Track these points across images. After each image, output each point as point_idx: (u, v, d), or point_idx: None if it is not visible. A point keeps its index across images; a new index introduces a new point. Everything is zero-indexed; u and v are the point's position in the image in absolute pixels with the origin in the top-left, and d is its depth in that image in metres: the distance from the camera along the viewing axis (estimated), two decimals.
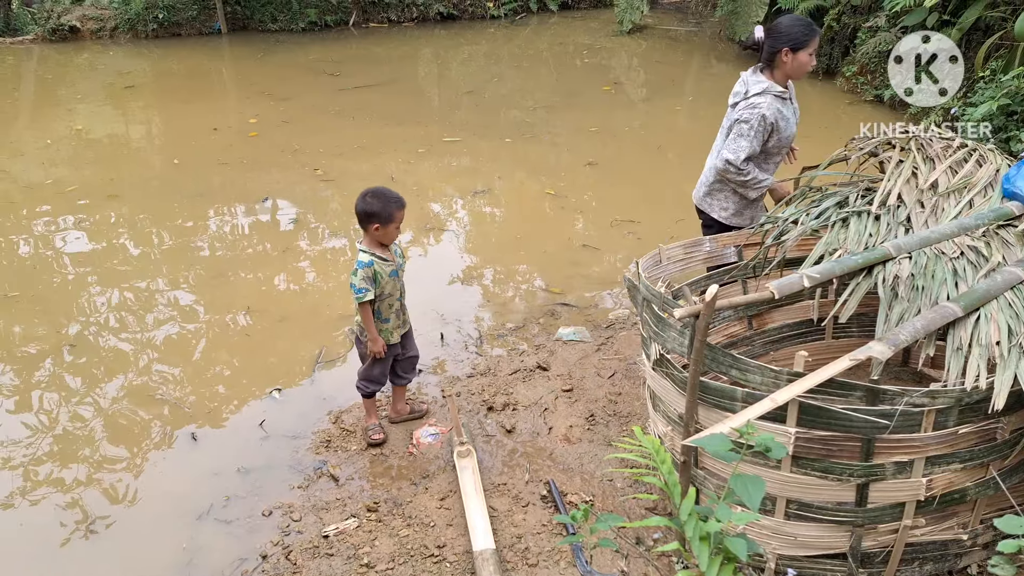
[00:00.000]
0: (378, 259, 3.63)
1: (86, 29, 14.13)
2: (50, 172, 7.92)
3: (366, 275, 3.57)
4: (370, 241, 3.66)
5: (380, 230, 3.59)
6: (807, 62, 3.64)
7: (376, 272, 3.61)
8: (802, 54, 3.61)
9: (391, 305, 3.74)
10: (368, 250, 3.63)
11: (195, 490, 3.67)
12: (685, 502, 1.72)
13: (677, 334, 2.82)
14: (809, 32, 3.60)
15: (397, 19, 15.28)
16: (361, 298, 3.58)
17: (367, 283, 3.58)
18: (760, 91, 3.66)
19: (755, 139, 3.67)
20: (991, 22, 7.65)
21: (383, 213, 3.57)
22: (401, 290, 3.79)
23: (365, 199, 3.61)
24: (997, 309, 2.64)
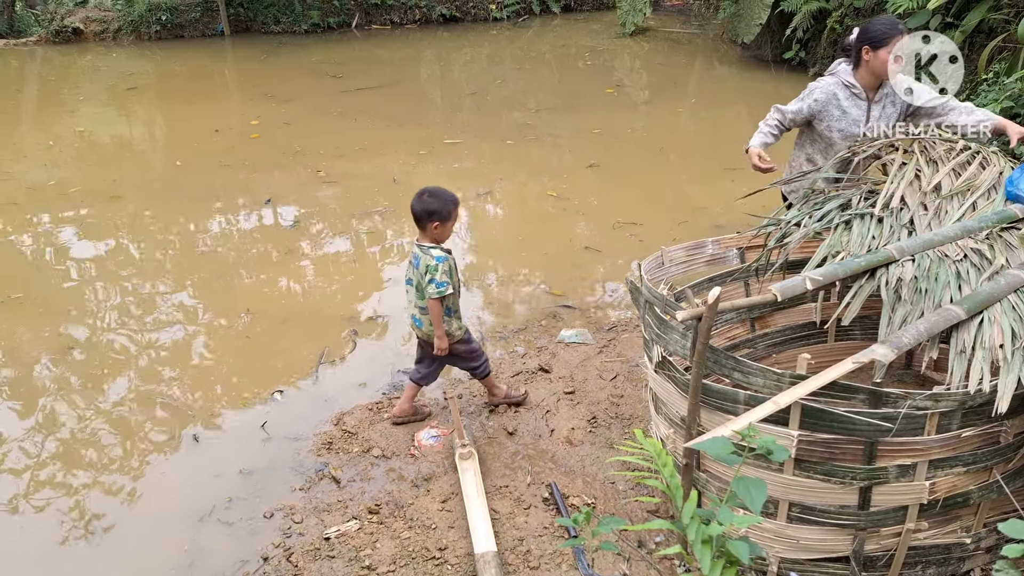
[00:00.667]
0: (449, 254, 3.70)
1: (89, 31, 14.17)
2: (53, 173, 7.93)
3: (446, 269, 3.63)
4: (429, 240, 3.70)
5: (439, 228, 3.65)
6: (887, 59, 3.68)
7: (451, 266, 3.69)
8: (883, 52, 3.66)
9: (456, 297, 3.81)
10: (438, 246, 3.68)
11: (197, 491, 3.67)
12: (687, 505, 1.71)
13: (679, 336, 2.81)
14: (889, 30, 3.65)
15: (400, 21, 15.31)
16: (443, 292, 3.62)
17: (447, 276, 3.63)
18: (831, 72, 3.86)
19: (800, 102, 3.89)
20: (994, 24, 7.63)
21: (443, 211, 3.62)
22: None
23: (423, 198, 3.65)
24: (1000, 312, 2.63)
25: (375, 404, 4.23)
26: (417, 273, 3.72)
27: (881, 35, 3.66)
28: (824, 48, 10.25)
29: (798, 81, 10.50)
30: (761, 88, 10.58)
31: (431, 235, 3.68)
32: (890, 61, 3.68)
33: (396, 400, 4.24)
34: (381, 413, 4.15)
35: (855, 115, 3.84)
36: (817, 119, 3.92)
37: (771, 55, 11.26)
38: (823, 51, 10.28)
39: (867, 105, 3.84)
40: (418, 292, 3.75)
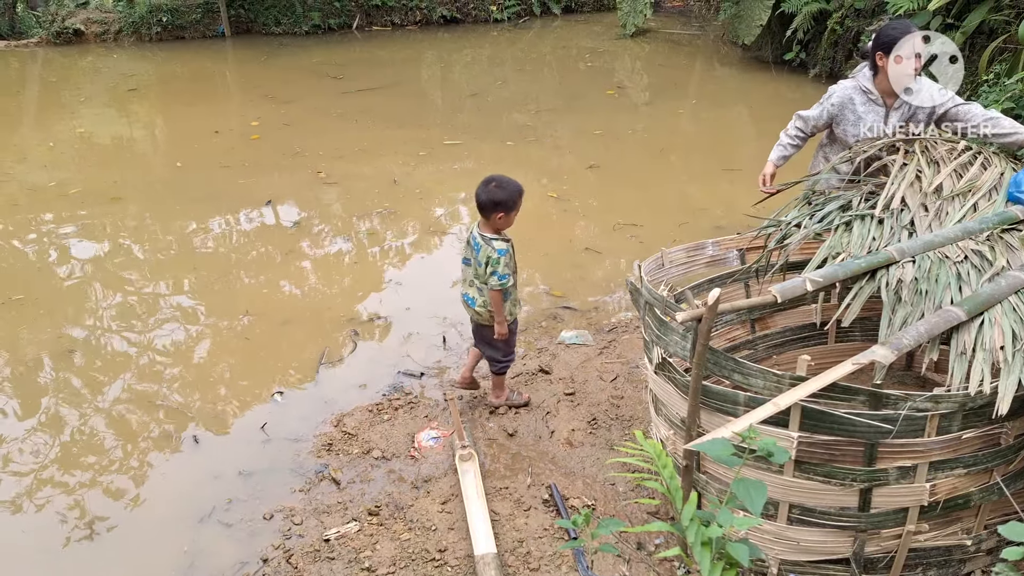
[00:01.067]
0: (510, 245, 3.76)
1: (90, 32, 14.18)
2: (53, 175, 7.94)
3: (507, 261, 3.69)
4: (492, 229, 3.73)
5: (503, 218, 3.67)
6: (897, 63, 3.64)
7: (512, 258, 3.76)
8: (893, 56, 3.62)
9: (516, 284, 3.87)
10: (499, 237, 3.72)
11: (197, 493, 3.67)
12: (687, 507, 1.71)
13: (679, 337, 2.81)
14: (898, 33, 3.60)
15: (400, 22, 15.31)
16: (505, 284, 3.70)
17: (508, 269, 3.71)
18: (853, 75, 3.87)
19: (819, 106, 3.95)
20: (995, 25, 7.63)
21: (508, 202, 3.64)
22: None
23: (489, 188, 3.66)
24: (1001, 313, 2.62)
25: (375, 405, 4.22)
26: (476, 258, 3.77)
27: (889, 39, 3.62)
28: (825, 49, 10.24)
29: (799, 82, 10.52)
30: (762, 89, 10.58)
31: (494, 225, 3.71)
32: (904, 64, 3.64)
33: (396, 401, 4.25)
34: (381, 415, 4.15)
35: (870, 121, 3.80)
36: (835, 123, 3.94)
37: (772, 56, 11.25)
38: (824, 52, 10.28)
39: (885, 112, 3.81)
40: (475, 273, 3.81)
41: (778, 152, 4.11)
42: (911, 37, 3.58)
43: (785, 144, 4.10)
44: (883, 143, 3.82)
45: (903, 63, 3.62)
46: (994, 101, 6.22)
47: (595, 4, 16.36)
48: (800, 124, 4.04)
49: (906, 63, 3.62)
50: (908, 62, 3.62)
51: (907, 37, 3.59)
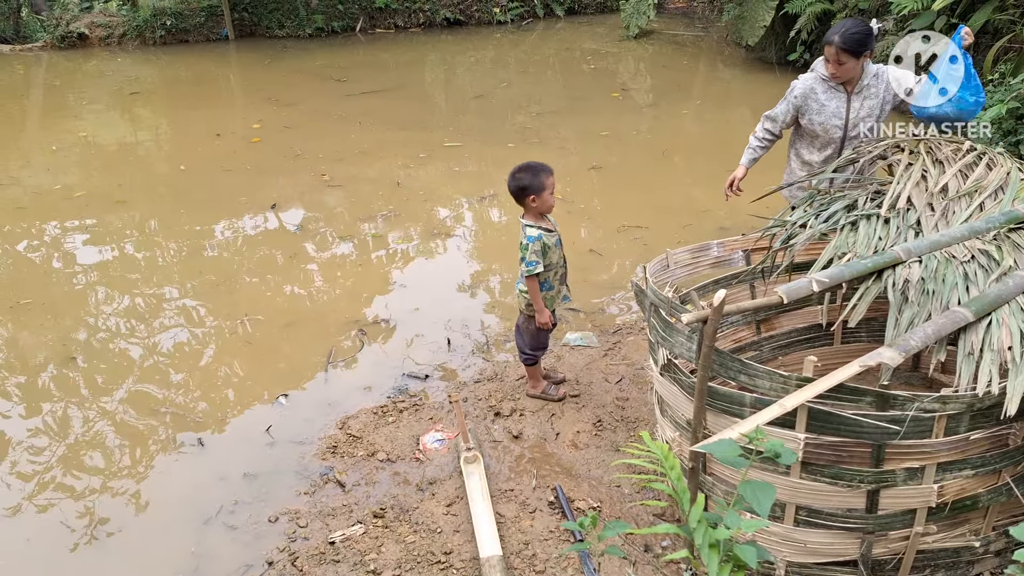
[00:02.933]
0: (545, 231, 3.80)
1: (95, 36, 14.22)
2: (58, 178, 7.95)
3: (536, 249, 3.73)
4: (532, 215, 3.80)
5: (536, 200, 3.73)
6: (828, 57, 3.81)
7: (544, 244, 3.78)
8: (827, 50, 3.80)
9: (556, 273, 3.92)
10: (534, 224, 3.78)
11: (201, 496, 3.67)
12: (694, 509, 1.70)
13: (685, 339, 2.80)
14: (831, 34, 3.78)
15: (404, 25, 15.32)
16: (532, 271, 3.75)
17: (537, 256, 3.74)
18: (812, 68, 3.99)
19: (784, 102, 4.05)
20: (1000, 25, 7.61)
21: (535, 183, 3.71)
22: (563, 258, 3.95)
23: (515, 176, 3.75)
24: (1009, 314, 2.61)
25: (380, 408, 4.22)
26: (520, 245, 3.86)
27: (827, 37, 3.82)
28: None
29: None
30: (766, 90, 10.55)
31: (532, 210, 3.79)
32: (831, 59, 3.82)
33: (401, 404, 4.24)
34: (386, 417, 4.14)
35: (833, 107, 3.93)
36: (800, 114, 4.04)
37: (775, 57, 11.23)
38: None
39: (847, 97, 3.92)
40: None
41: (748, 155, 4.25)
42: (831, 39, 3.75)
43: (755, 147, 4.24)
44: (887, 143, 3.81)
45: (829, 53, 3.80)
46: (999, 101, 6.20)
47: (598, 6, 16.35)
48: (768, 125, 4.16)
49: (831, 54, 3.79)
50: (831, 53, 3.79)
51: (835, 32, 3.76)
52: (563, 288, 4.05)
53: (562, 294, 4.06)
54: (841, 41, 3.72)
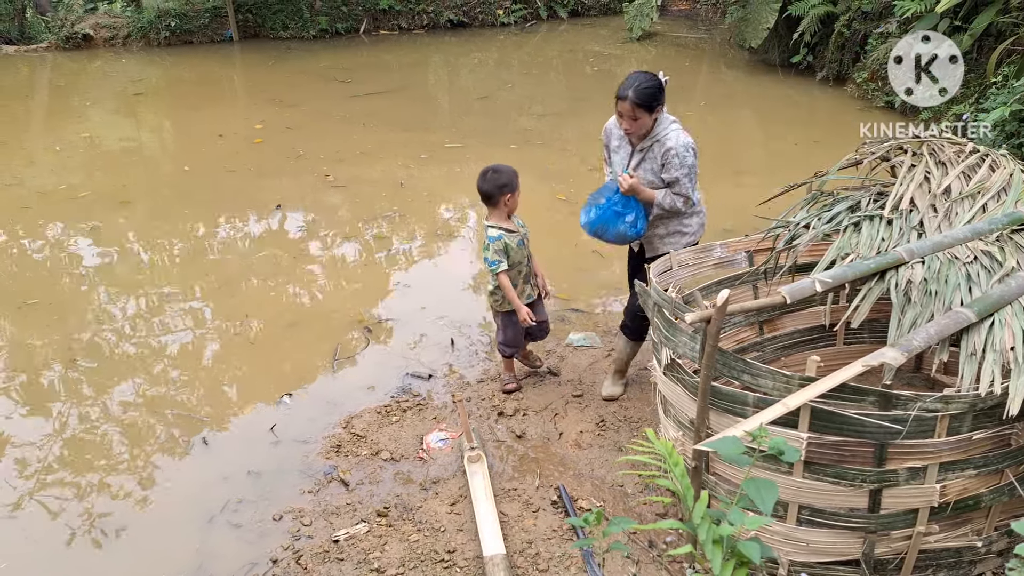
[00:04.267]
0: (506, 232, 3.95)
1: (99, 37, 14.23)
2: (62, 178, 7.97)
3: (497, 248, 3.91)
4: (497, 215, 3.96)
5: (511, 199, 3.91)
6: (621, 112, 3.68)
7: (506, 244, 3.93)
8: (619, 104, 3.67)
9: (520, 272, 4.05)
10: (496, 225, 3.94)
11: (206, 494, 3.68)
12: (698, 505, 1.71)
13: (688, 339, 2.81)
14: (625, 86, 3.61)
15: (407, 26, 15.34)
16: (495, 269, 3.93)
17: (499, 255, 3.91)
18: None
19: (603, 146, 4.06)
20: (1003, 28, 7.61)
21: (512, 183, 3.90)
22: (527, 257, 4.08)
23: (486, 176, 3.92)
24: (1011, 314, 2.62)
25: (383, 407, 4.23)
26: None
27: (620, 92, 3.62)
28: (832, 52, 10.23)
29: (806, 85, 10.51)
30: (768, 92, 10.57)
31: (501, 209, 3.94)
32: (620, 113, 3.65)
33: (404, 403, 4.26)
34: (389, 416, 4.16)
35: (621, 157, 3.85)
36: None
37: (778, 59, 11.24)
38: (831, 55, 10.26)
39: (631, 151, 3.82)
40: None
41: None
42: (624, 94, 3.57)
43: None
44: (889, 145, 3.82)
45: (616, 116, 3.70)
46: (1002, 103, 6.21)
47: (601, 8, 16.35)
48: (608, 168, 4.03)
49: (623, 119, 3.65)
50: (624, 118, 3.65)
51: (621, 92, 3.59)
52: (527, 287, 4.12)
53: (526, 293, 4.11)
54: (635, 96, 3.53)
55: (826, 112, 9.56)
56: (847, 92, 9.90)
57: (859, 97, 9.59)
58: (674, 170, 3.66)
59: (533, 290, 4.18)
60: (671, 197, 3.72)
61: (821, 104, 9.93)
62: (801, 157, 7.78)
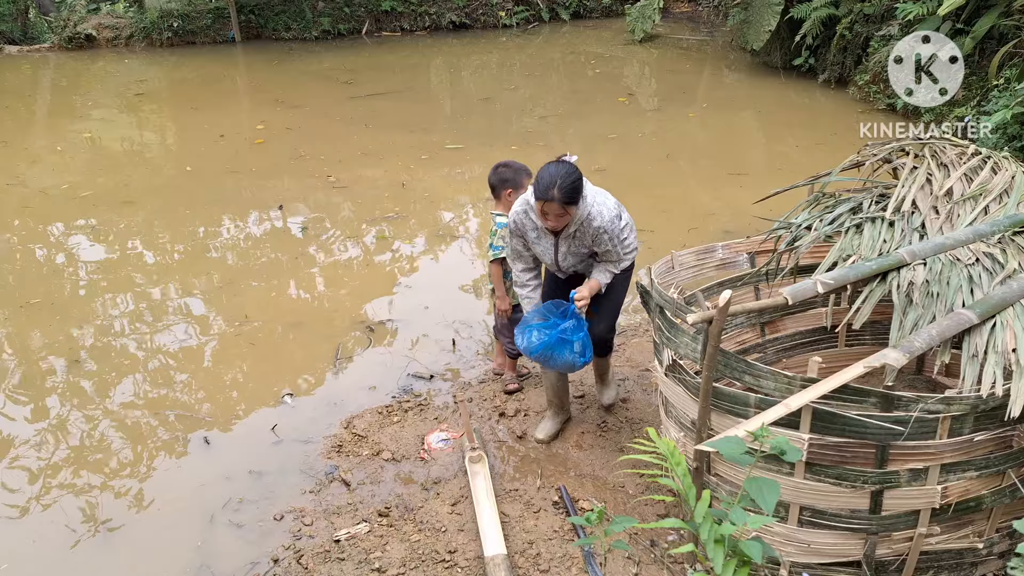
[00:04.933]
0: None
1: (102, 37, 14.26)
2: (64, 178, 7.99)
3: (503, 235, 3.89)
4: (503, 208, 3.97)
5: (512, 195, 3.90)
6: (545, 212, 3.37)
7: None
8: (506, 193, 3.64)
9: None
10: (503, 214, 3.93)
11: (208, 493, 3.68)
12: (700, 505, 1.71)
13: (690, 340, 2.82)
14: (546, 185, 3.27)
15: (410, 28, 15.36)
16: (497, 254, 3.97)
17: (504, 242, 3.89)
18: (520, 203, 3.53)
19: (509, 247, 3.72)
20: (1005, 30, 7.62)
21: (515, 179, 3.93)
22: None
23: (497, 170, 3.99)
24: (1013, 316, 2.62)
25: (385, 407, 4.24)
26: None
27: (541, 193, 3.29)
28: (834, 55, 10.24)
29: (808, 88, 10.52)
30: (770, 95, 10.58)
31: (505, 202, 3.96)
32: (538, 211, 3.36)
33: (406, 403, 4.26)
34: (391, 416, 4.16)
35: (543, 247, 3.55)
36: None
37: (780, 62, 11.25)
38: (833, 58, 10.27)
39: (555, 240, 3.51)
40: None
41: (530, 304, 3.73)
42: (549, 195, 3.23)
43: (531, 288, 3.73)
44: (891, 147, 3.83)
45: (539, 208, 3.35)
46: (1005, 106, 6.21)
47: (604, 10, 16.37)
48: (519, 265, 3.69)
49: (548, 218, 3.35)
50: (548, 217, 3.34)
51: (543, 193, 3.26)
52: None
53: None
54: (563, 196, 3.21)
55: (828, 114, 9.57)
56: (849, 95, 9.91)
57: (861, 100, 9.59)
58: (606, 244, 3.44)
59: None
60: (612, 266, 3.55)
61: (823, 106, 9.94)
62: (803, 159, 7.79)
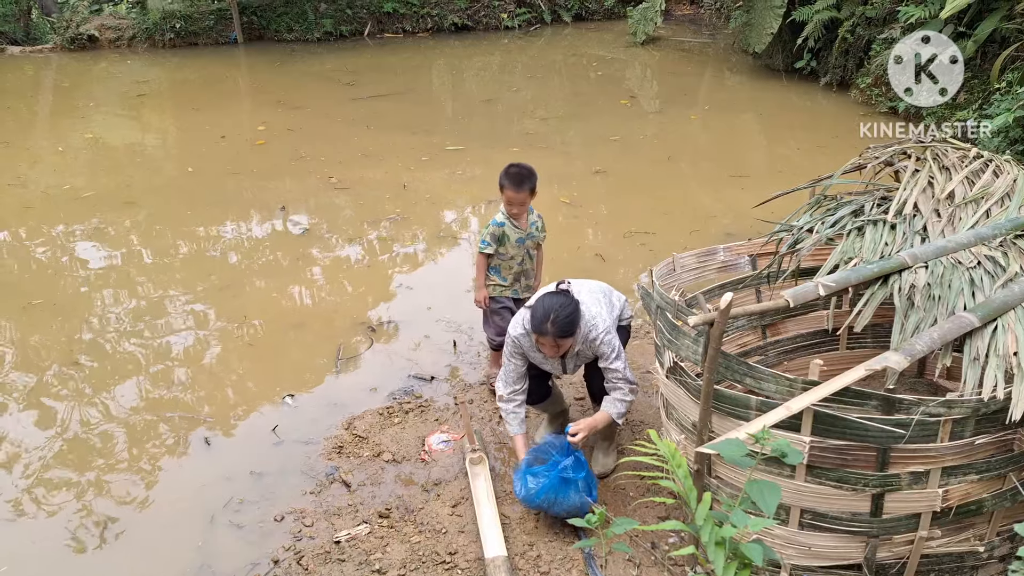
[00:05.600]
0: (512, 225, 4.09)
1: (104, 38, 14.27)
2: (66, 178, 7.99)
3: (493, 232, 4.07)
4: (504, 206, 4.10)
5: (503, 194, 4.04)
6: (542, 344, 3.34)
7: (504, 233, 4.08)
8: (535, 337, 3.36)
9: (510, 268, 4.18)
10: (504, 213, 4.08)
11: (208, 494, 3.68)
12: (700, 506, 1.71)
13: (691, 342, 2.81)
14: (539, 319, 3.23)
15: (412, 29, 15.37)
16: (482, 249, 4.10)
17: (492, 239, 4.07)
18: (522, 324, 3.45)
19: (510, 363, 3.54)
20: (1007, 34, 7.62)
21: (502, 182, 4.03)
22: (525, 257, 4.20)
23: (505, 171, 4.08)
24: (1015, 319, 2.62)
25: (386, 409, 4.24)
26: None
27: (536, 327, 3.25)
28: (835, 58, 10.24)
29: (809, 90, 10.51)
30: (772, 97, 10.59)
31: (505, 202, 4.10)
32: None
33: (406, 405, 4.26)
34: (391, 418, 4.16)
35: (552, 363, 3.52)
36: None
37: (782, 64, 11.25)
38: (834, 60, 10.27)
39: (560, 359, 3.50)
40: None
41: (516, 426, 3.56)
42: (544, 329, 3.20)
43: (514, 403, 3.56)
44: (893, 150, 3.83)
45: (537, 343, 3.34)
46: (1006, 109, 6.21)
47: (606, 12, 16.38)
48: (508, 392, 3.54)
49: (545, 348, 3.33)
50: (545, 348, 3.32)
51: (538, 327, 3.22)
52: (516, 286, 4.24)
53: (513, 288, 4.22)
54: (557, 331, 3.18)
55: (829, 117, 9.56)
56: (851, 97, 9.91)
57: (863, 103, 9.59)
58: (605, 359, 3.38)
59: (525, 290, 4.25)
60: (621, 402, 3.41)
61: (824, 109, 9.93)
62: (804, 162, 7.78)
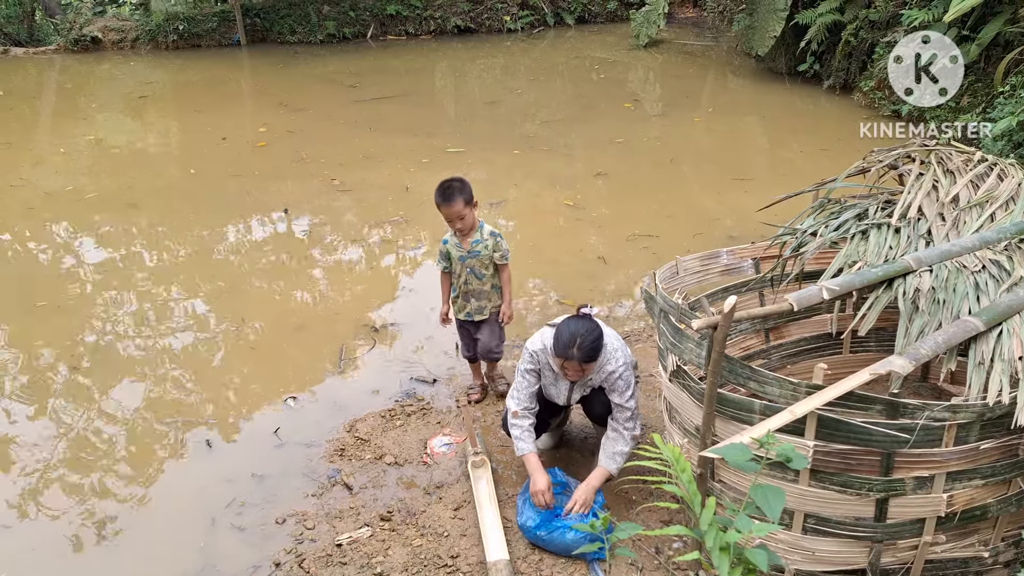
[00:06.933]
0: (453, 240, 4.05)
1: (107, 40, 14.31)
2: (69, 180, 8.00)
3: (440, 251, 4.10)
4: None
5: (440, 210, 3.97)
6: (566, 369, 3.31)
7: (448, 252, 4.07)
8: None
9: (458, 286, 4.14)
10: (451, 232, 4.05)
11: (210, 496, 3.68)
12: (705, 512, 1.70)
13: (694, 345, 2.80)
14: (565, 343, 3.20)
15: (414, 32, 15.39)
16: (438, 267, 4.16)
17: (441, 258, 4.10)
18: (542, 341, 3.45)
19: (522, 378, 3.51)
20: (1011, 37, 7.61)
21: (436, 198, 3.90)
22: (470, 276, 4.08)
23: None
24: (1020, 324, 2.61)
25: (387, 411, 4.23)
26: None
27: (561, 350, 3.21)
28: (839, 61, 10.23)
29: (812, 93, 10.51)
30: (775, 100, 10.58)
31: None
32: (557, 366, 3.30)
33: (409, 407, 4.26)
34: (394, 420, 4.15)
35: (557, 390, 3.53)
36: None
37: (785, 67, 11.25)
38: (838, 64, 10.26)
39: (569, 385, 3.50)
40: None
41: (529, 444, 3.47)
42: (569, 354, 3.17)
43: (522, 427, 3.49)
44: (897, 154, 3.82)
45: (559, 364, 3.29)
46: (1010, 113, 6.20)
47: (608, 15, 16.40)
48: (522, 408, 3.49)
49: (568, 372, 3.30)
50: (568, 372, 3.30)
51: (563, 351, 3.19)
52: (467, 305, 4.12)
53: (466, 310, 4.13)
54: (583, 356, 3.16)
55: (832, 120, 9.55)
56: (854, 101, 9.90)
57: (866, 106, 9.58)
58: (619, 394, 3.33)
59: (477, 312, 4.11)
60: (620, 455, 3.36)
61: (827, 112, 9.93)
62: (807, 165, 7.78)
